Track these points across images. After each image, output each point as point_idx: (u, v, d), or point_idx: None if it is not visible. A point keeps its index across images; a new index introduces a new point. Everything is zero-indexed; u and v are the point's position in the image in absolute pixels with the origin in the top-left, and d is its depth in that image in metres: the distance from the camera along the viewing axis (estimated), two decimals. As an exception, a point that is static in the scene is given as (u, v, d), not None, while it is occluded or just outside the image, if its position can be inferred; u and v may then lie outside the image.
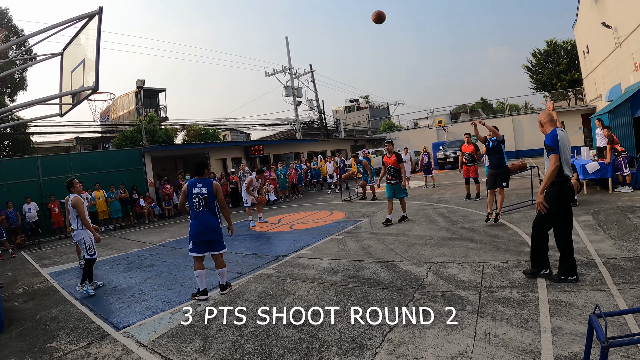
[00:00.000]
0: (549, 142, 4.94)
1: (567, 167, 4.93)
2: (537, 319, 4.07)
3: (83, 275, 7.05)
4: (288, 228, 11.25)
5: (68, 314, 6.04)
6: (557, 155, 4.84)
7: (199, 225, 5.92)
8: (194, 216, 5.99)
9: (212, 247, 6.01)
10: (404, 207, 10.17)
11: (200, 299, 5.89)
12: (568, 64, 37.42)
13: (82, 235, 7.13)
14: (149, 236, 13.03)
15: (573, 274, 4.95)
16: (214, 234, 5.99)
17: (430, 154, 17.68)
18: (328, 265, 6.89)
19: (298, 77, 32.24)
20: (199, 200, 5.95)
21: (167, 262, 8.66)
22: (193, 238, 5.96)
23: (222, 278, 6.11)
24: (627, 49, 17.30)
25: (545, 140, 5.03)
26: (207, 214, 5.96)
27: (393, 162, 9.86)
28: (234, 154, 23.46)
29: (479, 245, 7.11)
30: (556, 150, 4.85)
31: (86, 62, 7.10)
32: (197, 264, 5.97)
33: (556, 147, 4.87)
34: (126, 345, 4.66)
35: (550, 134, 4.98)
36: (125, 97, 34.11)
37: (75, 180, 7.43)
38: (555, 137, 4.92)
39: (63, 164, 16.98)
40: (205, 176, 6.16)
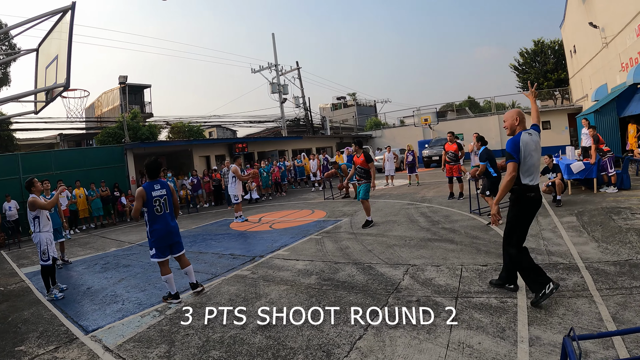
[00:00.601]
0: (508, 149, 4.45)
1: (529, 176, 4.45)
2: (515, 327, 3.86)
3: (45, 284, 6.79)
4: (268, 227, 11.01)
5: (40, 316, 5.88)
6: (514, 164, 4.37)
7: (162, 230, 5.72)
8: (155, 221, 5.74)
9: (174, 249, 5.88)
10: (367, 210, 9.66)
11: (172, 302, 5.73)
12: (555, 63, 37.54)
13: (39, 239, 6.83)
14: (129, 235, 12.75)
15: (511, 282, 4.84)
16: (176, 236, 5.89)
17: (415, 153, 17.48)
18: (303, 267, 6.67)
19: (284, 73, 32.00)
20: (160, 203, 5.75)
21: (143, 262, 8.43)
22: (156, 244, 5.73)
23: (191, 276, 5.98)
24: (614, 49, 17.28)
25: (506, 145, 4.56)
26: (168, 216, 5.82)
27: (362, 162, 9.58)
28: (218, 151, 23.12)
29: (459, 247, 6.91)
30: (515, 159, 4.38)
31: (59, 59, 6.95)
32: (164, 269, 5.77)
33: (515, 154, 4.38)
34: (92, 350, 4.52)
35: (512, 140, 4.47)
36: (110, 93, 33.66)
37: (35, 179, 7.08)
38: (517, 143, 4.41)
39: (44, 162, 16.59)
40: (159, 177, 6.00)
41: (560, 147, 15.77)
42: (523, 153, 4.38)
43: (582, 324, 3.78)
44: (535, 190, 4.48)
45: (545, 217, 8.44)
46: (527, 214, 4.55)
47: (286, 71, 32.24)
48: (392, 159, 18.14)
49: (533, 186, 4.45)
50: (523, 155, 4.39)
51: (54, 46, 7.21)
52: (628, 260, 5.31)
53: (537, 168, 4.50)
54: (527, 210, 4.53)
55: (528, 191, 4.45)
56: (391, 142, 28.92)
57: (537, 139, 4.54)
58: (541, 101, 36.82)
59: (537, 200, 4.53)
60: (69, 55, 6.66)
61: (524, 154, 4.38)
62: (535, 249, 6.29)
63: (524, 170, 4.42)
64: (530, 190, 4.45)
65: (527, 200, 4.48)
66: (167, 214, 5.80)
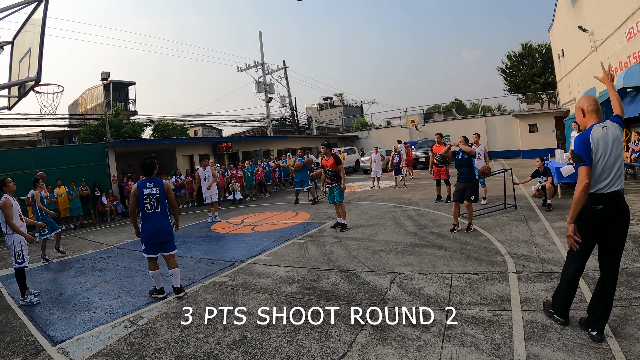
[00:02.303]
0: (576, 149, 3.59)
1: (599, 183, 3.52)
2: (511, 344, 3.58)
3: (20, 288, 6.42)
4: (250, 230, 10.65)
5: (8, 324, 5.54)
6: (586, 169, 3.48)
7: (150, 227, 5.72)
8: (145, 218, 5.77)
9: (164, 248, 5.86)
10: (343, 213, 9.51)
11: (157, 297, 5.81)
12: (542, 67, 37.61)
13: (12, 241, 6.44)
14: (108, 236, 12.27)
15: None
16: (166, 235, 5.83)
17: (402, 154, 17.24)
18: (285, 274, 6.34)
19: (271, 73, 31.57)
20: (150, 201, 5.76)
21: (120, 267, 8.06)
22: (145, 240, 5.77)
23: (176, 279, 5.85)
24: (603, 53, 17.21)
25: (574, 145, 3.67)
26: (159, 215, 5.78)
27: (331, 164, 9.40)
28: (202, 150, 22.65)
29: (448, 253, 6.63)
30: (585, 162, 3.49)
31: (32, 52, 6.76)
32: (152, 265, 5.83)
33: (586, 155, 3.51)
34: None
35: (580, 137, 3.59)
36: (94, 90, 33.02)
37: (8, 179, 6.72)
38: (586, 140, 3.53)
39: (23, 159, 16.00)
40: (154, 176, 5.97)
41: (550, 150, 15.63)
42: (597, 152, 3.49)
43: (582, 340, 3.53)
44: (605, 202, 3.51)
45: (537, 222, 8.22)
46: (588, 235, 3.62)
47: (273, 70, 31.84)
48: (379, 160, 17.88)
49: (604, 195, 3.52)
50: (596, 155, 3.49)
51: (27, 39, 6.99)
52: (624, 269, 5.08)
53: (613, 171, 3.51)
54: (588, 228, 3.60)
55: (594, 202, 3.53)
56: (377, 143, 28.76)
57: (618, 133, 3.55)
58: (527, 104, 36.94)
59: (608, 213, 3.52)
60: (41, 48, 6.46)
61: (597, 153, 3.49)
62: (528, 256, 6.04)
63: (594, 176, 3.52)
64: (598, 201, 3.53)
65: (591, 214, 3.56)
66: (158, 213, 5.77)
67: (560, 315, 3.88)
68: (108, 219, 16.67)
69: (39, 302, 6.30)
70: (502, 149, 29.66)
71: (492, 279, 5.22)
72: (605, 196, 3.48)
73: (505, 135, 30.06)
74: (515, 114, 30.81)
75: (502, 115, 32.31)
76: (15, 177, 14.38)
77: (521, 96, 37.32)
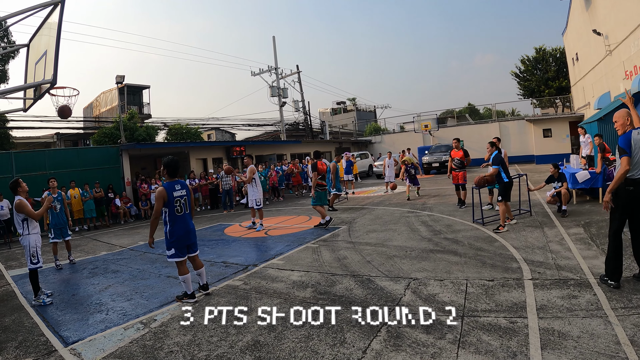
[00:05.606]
0: (622, 144, 4.90)
1: (633, 170, 4.82)
2: (527, 352, 3.53)
3: (33, 289, 6.50)
4: (263, 234, 10.68)
5: (21, 323, 5.59)
6: (627, 159, 4.80)
7: (181, 230, 5.71)
8: (175, 221, 5.70)
9: (191, 249, 5.89)
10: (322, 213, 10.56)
11: (188, 301, 5.72)
12: (556, 71, 37.30)
13: (28, 241, 6.52)
14: (121, 238, 12.39)
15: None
16: (193, 236, 5.92)
17: (416, 164, 16.77)
18: (298, 278, 6.34)
19: (284, 77, 31.72)
20: (180, 204, 5.73)
21: (132, 269, 8.13)
22: (176, 244, 5.68)
23: (203, 278, 6.04)
24: (618, 56, 17.00)
25: (619, 141, 5.00)
26: (187, 216, 5.84)
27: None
28: (215, 154, 22.77)
29: (463, 259, 6.59)
30: (628, 153, 4.81)
31: (47, 54, 6.85)
32: (183, 268, 5.74)
33: (628, 149, 4.82)
34: (70, 364, 4.22)
35: (624, 136, 4.93)
36: (109, 93, 33.43)
37: (21, 180, 6.79)
38: (629, 139, 4.85)
39: (38, 161, 16.24)
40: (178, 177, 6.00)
41: (563, 155, 15.47)
42: (634, 148, 4.80)
43: (599, 348, 3.47)
44: (635, 185, 4.79)
45: (552, 228, 8.14)
46: (622, 206, 4.87)
47: (286, 75, 31.98)
48: (393, 165, 17.80)
49: (634, 180, 4.81)
50: (633, 150, 4.80)
51: (43, 42, 7.08)
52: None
53: None
54: (623, 202, 4.86)
55: (627, 184, 4.81)
56: (391, 148, 28.68)
57: None
58: (542, 109, 36.63)
59: (636, 193, 4.80)
60: (57, 51, 6.54)
61: (634, 149, 4.80)
62: (544, 262, 5.98)
63: (631, 165, 4.82)
64: (630, 183, 4.82)
65: (625, 192, 4.84)
66: (187, 215, 5.82)
67: (612, 278, 4.83)
68: (121, 221, 16.87)
69: (51, 303, 6.37)
70: (516, 154, 29.35)
71: (508, 286, 5.17)
72: (635, 181, 4.78)
73: (519, 140, 29.83)
74: (529, 118, 30.50)
75: (516, 120, 32.03)
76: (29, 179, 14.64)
77: (535, 101, 37.04)
